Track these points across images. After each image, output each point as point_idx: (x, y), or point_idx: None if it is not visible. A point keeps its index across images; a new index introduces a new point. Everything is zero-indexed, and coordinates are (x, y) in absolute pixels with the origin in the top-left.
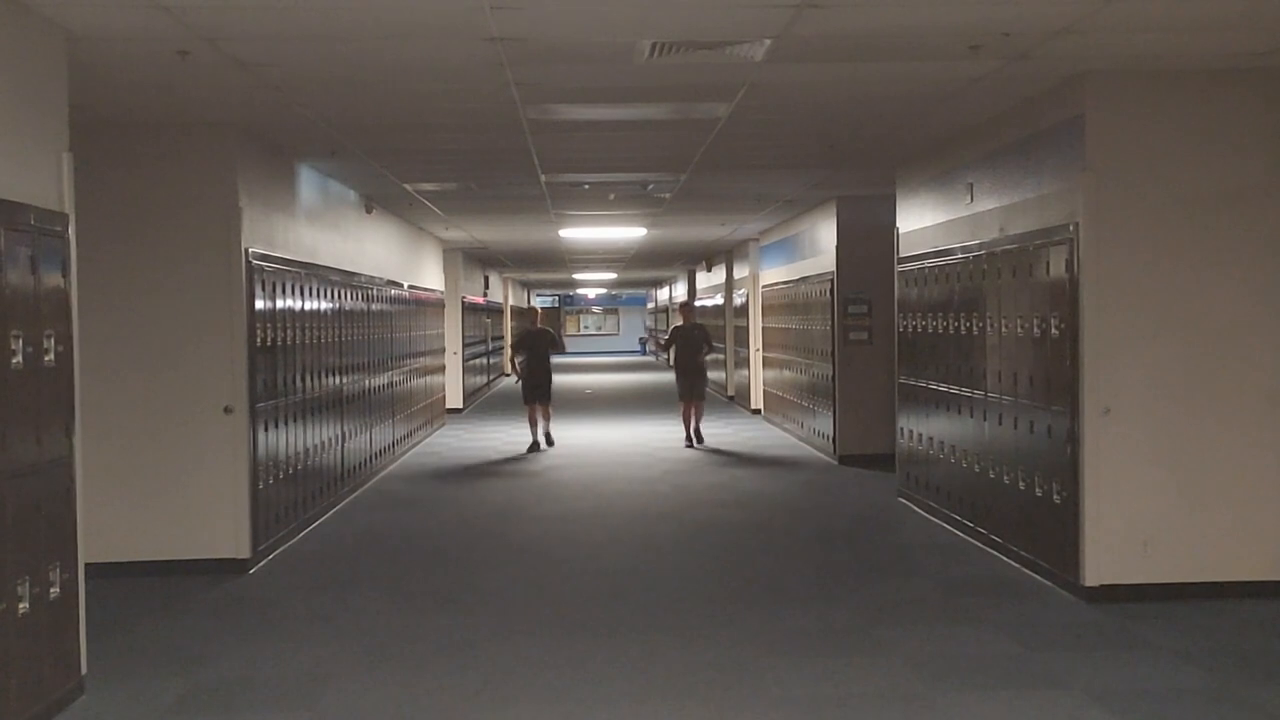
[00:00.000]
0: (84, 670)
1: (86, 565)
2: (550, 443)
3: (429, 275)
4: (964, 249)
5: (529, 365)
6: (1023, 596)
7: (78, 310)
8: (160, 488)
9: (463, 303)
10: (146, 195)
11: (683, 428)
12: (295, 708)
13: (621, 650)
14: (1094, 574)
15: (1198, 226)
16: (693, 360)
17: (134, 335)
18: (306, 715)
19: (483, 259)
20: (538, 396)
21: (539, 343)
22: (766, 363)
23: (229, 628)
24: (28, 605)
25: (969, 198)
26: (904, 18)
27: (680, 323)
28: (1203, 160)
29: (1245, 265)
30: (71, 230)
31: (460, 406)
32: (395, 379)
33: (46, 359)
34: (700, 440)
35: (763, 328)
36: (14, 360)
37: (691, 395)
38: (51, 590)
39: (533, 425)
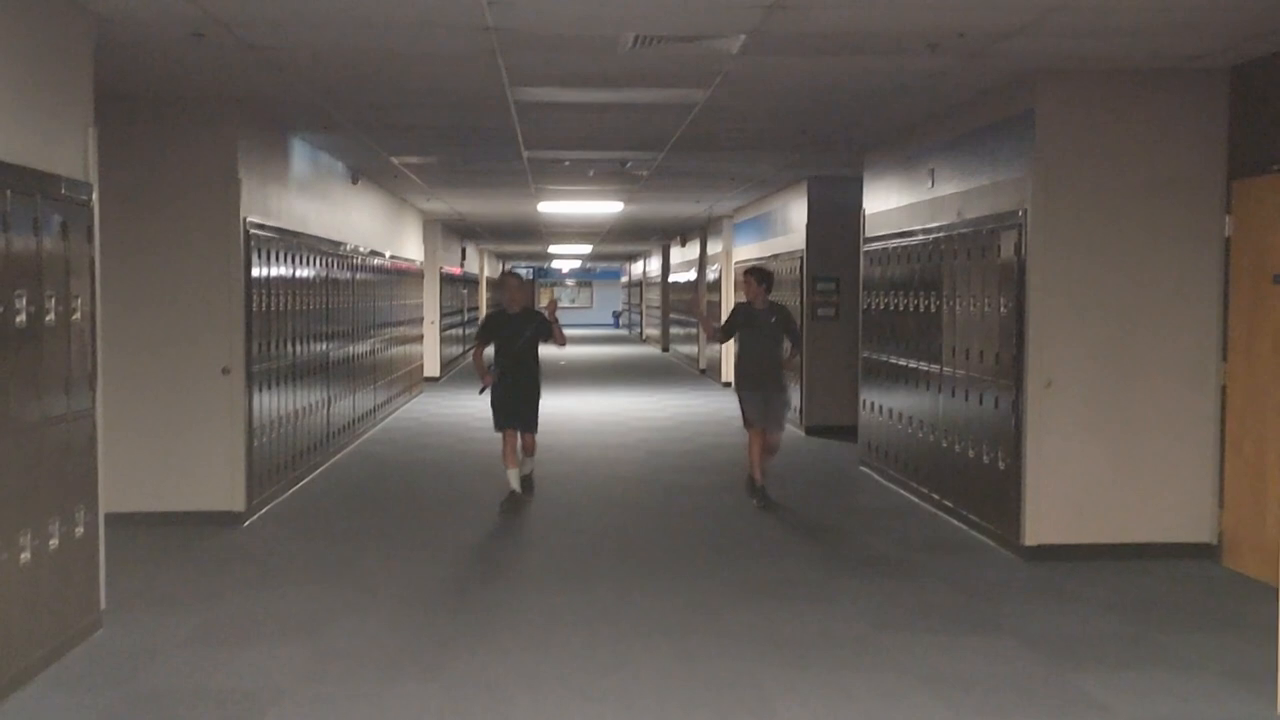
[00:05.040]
0: (103, 606)
1: None
2: (530, 486)
3: (409, 246)
4: (925, 231)
5: (505, 366)
6: (967, 555)
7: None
8: (161, 443)
9: (441, 273)
10: (151, 166)
11: (751, 465)
12: (299, 640)
13: (598, 596)
14: (1033, 535)
15: (1135, 215)
16: (768, 362)
17: (138, 298)
18: (310, 647)
19: (461, 230)
20: (518, 418)
21: (521, 330)
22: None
23: (230, 573)
24: (57, 542)
25: (930, 183)
26: (866, 19)
27: (746, 300)
28: (1140, 154)
29: (1177, 251)
30: (95, 198)
31: (437, 375)
32: (377, 346)
33: (75, 317)
34: (766, 495)
35: (735, 303)
36: (47, 318)
37: (765, 419)
38: (77, 530)
39: (507, 463)
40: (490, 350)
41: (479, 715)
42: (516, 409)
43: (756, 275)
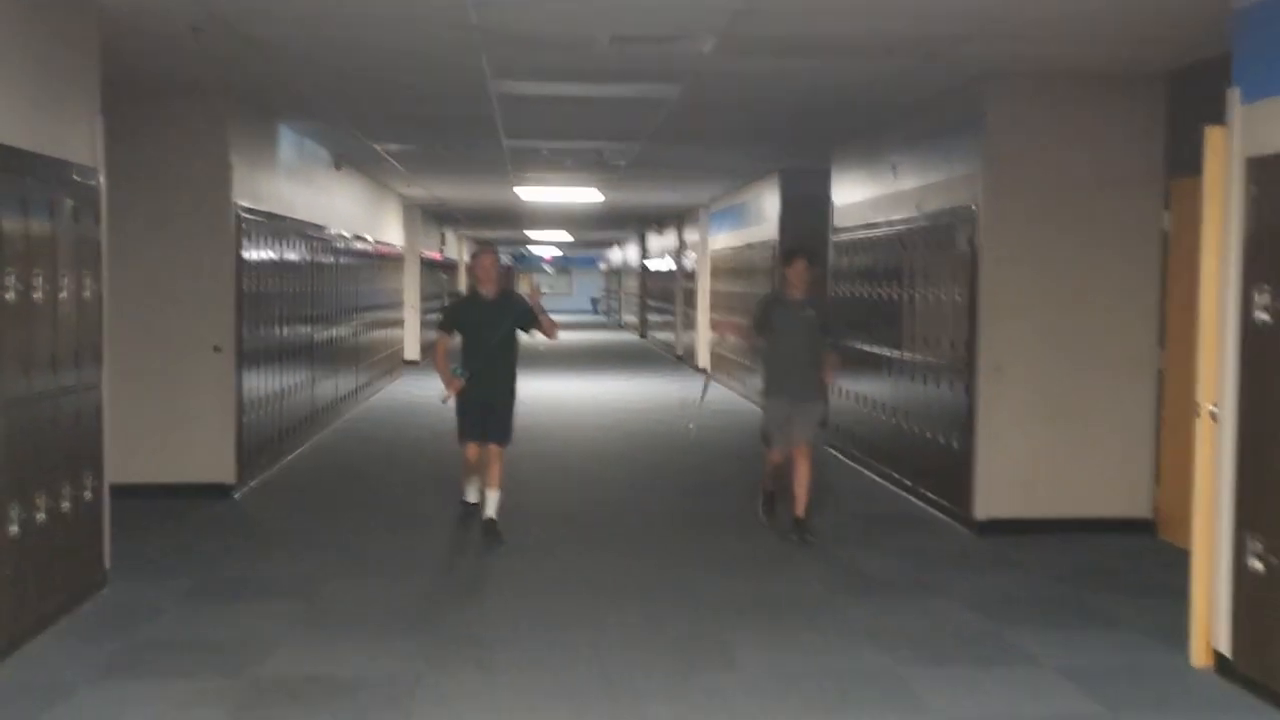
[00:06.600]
0: (107, 565)
1: None
2: (494, 531)
3: (390, 231)
4: (888, 223)
5: (476, 366)
6: (922, 528)
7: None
8: (155, 417)
9: (421, 258)
10: (146, 152)
11: (765, 477)
12: (292, 599)
13: (574, 564)
14: (983, 509)
15: (1079, 211)
16: (801, 364)
17: (135, 279)
18: (302, 605)
19: (440, 216)
20: (486, 427)
21: (499, 320)
22: (713, 325)
23: (225, 540)
24: (69, 504)
25: (893, 177)
26: (826, 25)
27: (785, 290)
28: (1085, 153)
29: (1118, 246)
30: (102, 181)
31: (416, 359)
32: (358, 329)
33: (85, 295)
34: (807, 531)
35: (710, 290)
36: (61, 295)
37: (791, 436)
38: (85, 494)
39: (466, 474)
40: (456, 344)
41: (462, 664)
42: (485, 416)
43: (798, 258)
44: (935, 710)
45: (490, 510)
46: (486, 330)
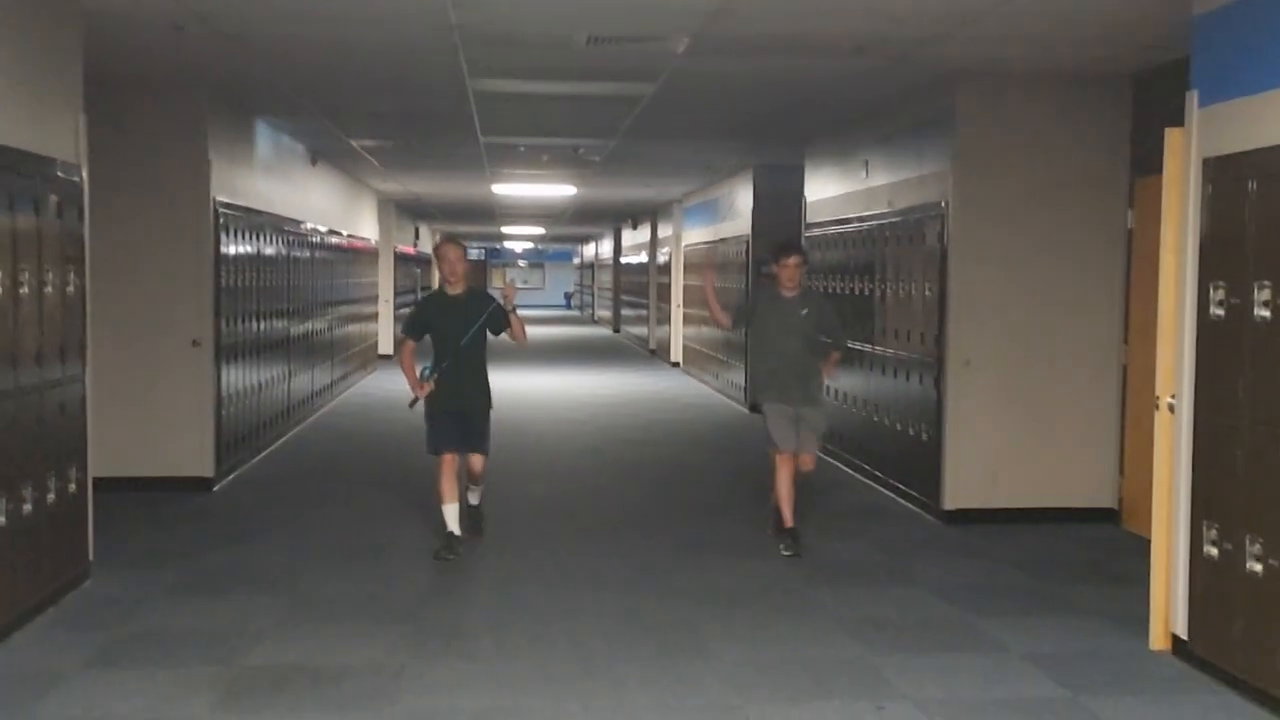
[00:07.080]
0: (91, 557)
1: None
2: (479, 524)
3: (365, 225)
4: (860, 219)
5: (445, 369)
6: (894, 519)
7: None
8: (134, 411)
9: (395, 252)
10: (126, 148)
11: (778, 499)
12: (276, 592)
13: (553, 556)
14: (952, 500)
15: (1047, 208)
16: (796, 366)
17: (115, 273)
18: (286, 597)
19: (415, 210)
20: (461, 438)
21: (467, 320)
22: (686, 319)
23: (207, 532)
24: (54, 495)
25: (865, 173)
26: (798, 26)
27: (776, 288)
28: (1053, 152)
29: (1084, 242)
30: (85, 177)
31: (391, 353)
32: (334, 323)
33: (69, 290)
34: (798, 544)
35: (684, 285)
36: (46, 289)
37: (798, 439)
38: (69, 486)
39: (444, 496)
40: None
41: (444, 654)
42: (460, 425)
43: (789, 253)
44: (905, 696)
45: (474, 499)
46: (454, 331)
